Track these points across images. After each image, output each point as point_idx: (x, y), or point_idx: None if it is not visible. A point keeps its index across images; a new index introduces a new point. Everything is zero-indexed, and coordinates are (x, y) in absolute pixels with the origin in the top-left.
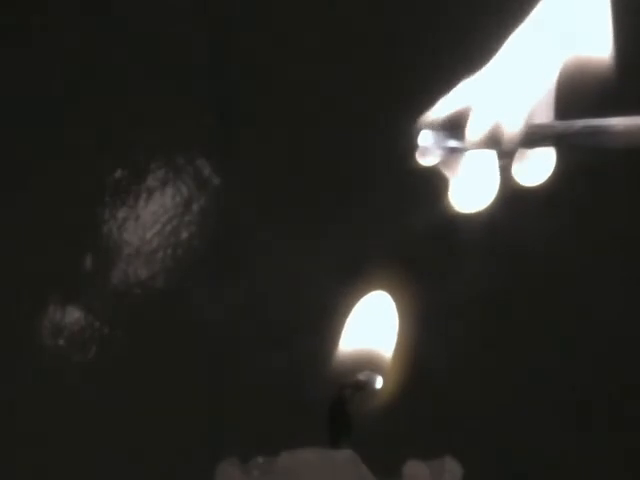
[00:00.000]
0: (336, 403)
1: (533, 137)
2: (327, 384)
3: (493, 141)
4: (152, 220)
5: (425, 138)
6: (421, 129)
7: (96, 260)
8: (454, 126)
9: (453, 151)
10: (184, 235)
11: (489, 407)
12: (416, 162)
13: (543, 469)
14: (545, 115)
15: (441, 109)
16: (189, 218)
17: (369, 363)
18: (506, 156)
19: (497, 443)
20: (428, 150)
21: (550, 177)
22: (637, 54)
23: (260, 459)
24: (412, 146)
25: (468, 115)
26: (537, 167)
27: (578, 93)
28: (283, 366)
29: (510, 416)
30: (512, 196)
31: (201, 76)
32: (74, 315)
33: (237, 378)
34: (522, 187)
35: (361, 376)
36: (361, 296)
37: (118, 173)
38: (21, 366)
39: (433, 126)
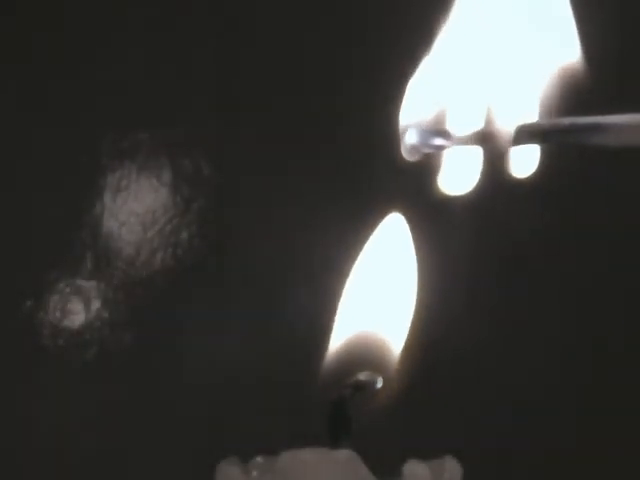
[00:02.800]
0: (336, 403)
1: (519, 135)
2: (327, 384)
3: (481, 139)
4: (152, 220)
5: (411, 137)
6: (406, 127)
7: (96, 260)
8: (440, 124)
9: (439, 149)
10: (184, 235)
11: (489, 406)
12: (403, 158)
13: (543, 469)
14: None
15: (425, 106)
16: (189, 218)
17: (373, 358)
18: (495, 154)
19: (497, 443)
20: (414, 148)
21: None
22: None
23: (260, 459)
24: (399, 142)
25: (452, 112)
26: (526, 159)
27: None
28: (283, 365)
29: (510, 415)
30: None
31: (202, 75)
32: (74, 315)
33: (237, 378)
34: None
35: (361, 376)
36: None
37: (118, 173)
38: (21, 366)
39: (419, 125)
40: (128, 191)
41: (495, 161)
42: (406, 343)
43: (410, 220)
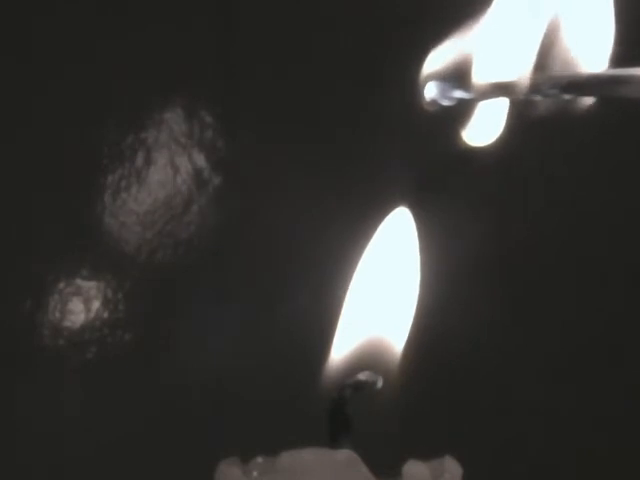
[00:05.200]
0: (336, 403)
1: (540, 86)
2: (328, 384)
3: (501, 90)
4: (152, 220)
5: (430, 89)
6: (426, 80)
7: (96, 260)
8: (460, 76)
9: (460, 101)
10: (184, 235)
11: (489, 406)
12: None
13: (544, 469)
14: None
15: (445, 58)
16: (189, 218)
17: (375, 358)
18: (515, 103)
19: (497, 443)
20: (434, 101)
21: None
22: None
23: (260, 459)
24: (420, 95)
25: (472, 63)
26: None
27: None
28: (283, 365)
29: (510, 415)
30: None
31: (201, 75)
32: (74, 315)
33: (237, 378)
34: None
35: (361, 376)
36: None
37: (118, 174)
38: (21, 366)
39: (438, 77)
40: (128, 191)
41: (517, 115)
42: (407, 344)
43: (415, 216)
